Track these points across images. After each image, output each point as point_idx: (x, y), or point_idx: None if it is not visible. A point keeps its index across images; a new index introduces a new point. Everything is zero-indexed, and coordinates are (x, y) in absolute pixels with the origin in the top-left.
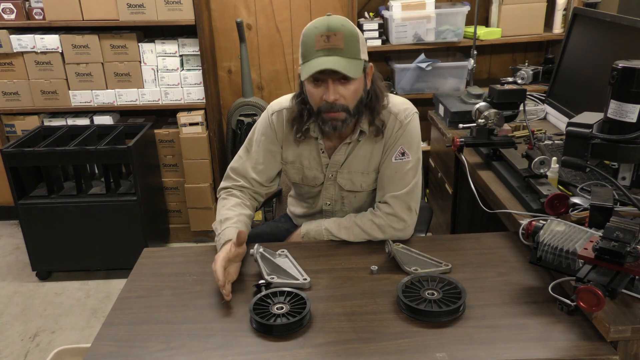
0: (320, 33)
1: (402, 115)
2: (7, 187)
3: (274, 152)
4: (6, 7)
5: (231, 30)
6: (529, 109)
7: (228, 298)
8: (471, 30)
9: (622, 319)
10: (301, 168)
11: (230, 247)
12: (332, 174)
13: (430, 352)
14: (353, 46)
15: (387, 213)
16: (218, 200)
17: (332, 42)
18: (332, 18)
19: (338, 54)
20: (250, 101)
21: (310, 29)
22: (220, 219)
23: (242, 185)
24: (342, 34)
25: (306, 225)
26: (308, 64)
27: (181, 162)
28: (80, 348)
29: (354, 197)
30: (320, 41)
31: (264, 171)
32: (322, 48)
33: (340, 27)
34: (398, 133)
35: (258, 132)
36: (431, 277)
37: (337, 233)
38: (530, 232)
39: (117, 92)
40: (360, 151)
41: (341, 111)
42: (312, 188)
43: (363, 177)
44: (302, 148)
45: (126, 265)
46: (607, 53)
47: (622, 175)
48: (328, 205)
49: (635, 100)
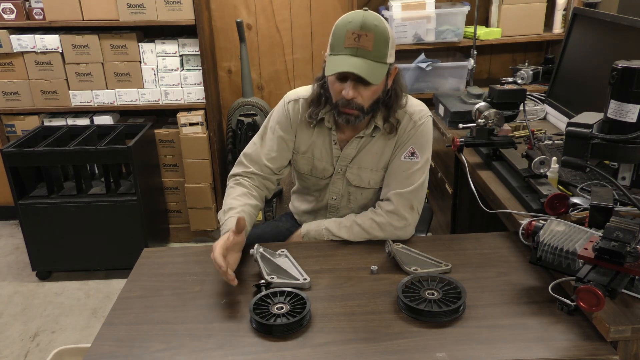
0: (352, 29)
1: (416, 116)
2: (7, 187)
3: (287, 141)
4: (6, 7)
5: (231, 30)
6: (529, 109)
7: (234, 283)
8: (471, 30)
9: (622, 319)
10: (312, 159)
11: (228, 236)
12: (342, 168)
13: (430, 352)
14: (381, 49)
15: (388, 211)
16: (227, 188)
17: (362, 42)
18: (367, 14)
19: (365, 56)
20: (250, 101)
21: (344, 22)
22: (224, 209)
23: (253, 172)
24: (374, 35)
25: (306, 226)
26: (334, 59)
27: (181, 162)
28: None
29: (360, 193)
30: (350, 39)
31: (277, 159)
32: (350, 46)
33: (373, 27)
34: (410, 133)
35: (273, 120)
36: (431, 277)
37: (337, 232)
38: (530, 232)
39: (117, 92)
40: (372, 147)
41: (355, 109)
42: (320, 180)
43: (372, 173)
44: (316, 138)
45: (126, 265)
46: (607, 53)
47: (622, 175)
48: (334, 200)
49: (635, 100)
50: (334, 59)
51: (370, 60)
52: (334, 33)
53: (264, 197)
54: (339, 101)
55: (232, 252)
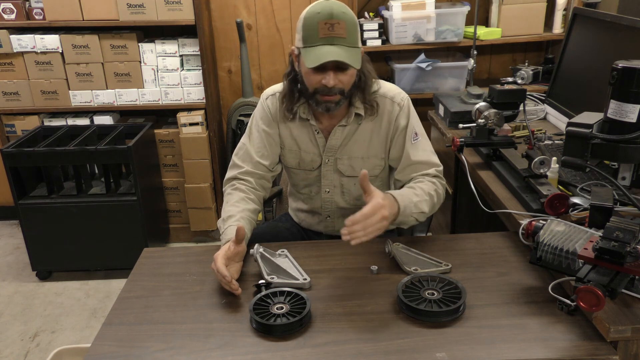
0: (324, 19)
1: (398, 98)
2: (7, 187)
3: (273, 135)
4: (6, 7)
5: (231, 30)
6: (529, 109)
7: (238, 292)
8: (471, 30)
9: (622, 319)
10: (298, 152)
11: (229, 246)
12: (330, 158)
13: (430, 352)
14: (354, 35)
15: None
16: (224, 194)
17: (336, 30)
18: (333, 3)
19: (341, 43)
20: (250, 101)
21: (312, 13)
22: (223, 217)
23: (247, 171)
24: (345, 23)
25: (402, 198)
26: (312, 50)
27: (181, 162)
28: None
29: (353, 184)
30: (324, 29)
31: (267, 155)
32: (326, 36)
33: (343, 14)
34: (401, 115)
35: (256, 119)
36: (431, 277)
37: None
38: (530, 232)
39: (117, 92)
40: (360, 135)
41: (337, 94)
42: (308, 173)
43: (363, 162)
44: (298, 131)
45: (126, 265)
46: (607, 53)
47: (622, 175)
48: (327, 193)
49: (635, 100)
50: (311, 51)
51: (346, 47)
52: (304, 26)
53: (261, 198)
54: (319, 89)
55: (233, 262)
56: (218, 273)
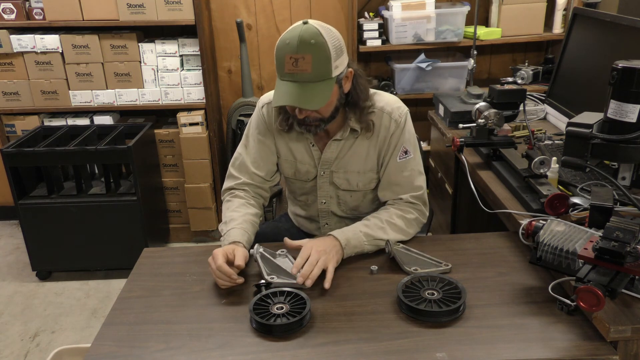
0: (290, 53)
1: (396, 114)
2: (7, 187)
3: (269, 145)
4: (6, 7)
5: (231, 30)
6: (529, 109)
7: (240, 281)
8: (471, 30)
9: (622, 319)
10: (294, 162)
11: (233, 249)
12: (325, 171)
13: (430, 352)
14: (322, 68)
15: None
16: (223, 203)
17: (300, 66)
18: (304, 31)
19: (305, 79)
20: (250, 101)
21: (282, 43)
22: (225, 221)
23: (244, 182)
24: (311, 57)
25: (340, 233)
26: (278, 86)
27: (181, 162)
28: (80, 348)
29: (349, 196)
30: (289, 63)
31: (264, 165)
32: (290, 72)
33: (310, 46)
34: (396, 133)
35: (252, 127)
36: (431, 277)
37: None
38: (530, 232)
39: (117, 92)
40: (356, 150)
41: (314, 122)
42: (304, 183)
43: (359, 176)
44: (294, 141)
45: (126, 265)
46: (607, 53)
47: (622, 175)
48: (324, 204)
49: (635, 100)
50: (278, 86)
51: (311, 83)
52: (275, 55)
53: (261, 204)
54: (295, 118)
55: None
56: (218, 272)
